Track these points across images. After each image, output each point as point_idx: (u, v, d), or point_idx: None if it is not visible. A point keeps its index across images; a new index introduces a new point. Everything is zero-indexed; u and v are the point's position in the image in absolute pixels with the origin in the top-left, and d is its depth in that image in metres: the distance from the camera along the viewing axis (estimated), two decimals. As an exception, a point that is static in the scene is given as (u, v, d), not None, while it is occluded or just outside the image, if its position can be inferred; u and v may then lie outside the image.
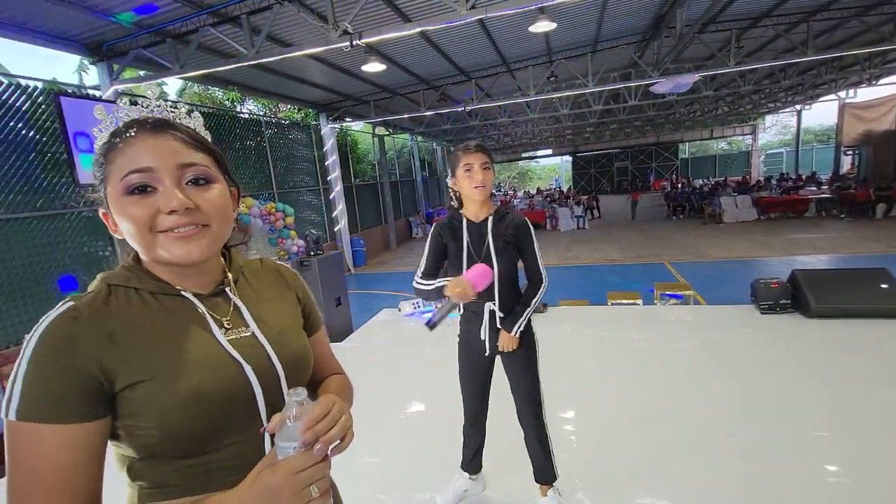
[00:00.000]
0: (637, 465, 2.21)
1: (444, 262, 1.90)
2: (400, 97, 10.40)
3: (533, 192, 26.95)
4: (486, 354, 1.89)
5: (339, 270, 5.21)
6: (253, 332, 0.73)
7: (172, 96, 14.25)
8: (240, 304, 0.75)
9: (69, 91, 5.90)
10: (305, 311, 0.88)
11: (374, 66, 6.69)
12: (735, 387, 2.87)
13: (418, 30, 5.03)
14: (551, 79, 9.40)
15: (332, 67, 7.75)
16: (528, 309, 1.82)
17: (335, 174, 11.08)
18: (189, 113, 0.73)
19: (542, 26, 5.66)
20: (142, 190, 0.64)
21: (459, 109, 10.38)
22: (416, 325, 4.77)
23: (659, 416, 2.63)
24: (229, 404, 0.67)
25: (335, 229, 11.21)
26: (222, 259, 0.79)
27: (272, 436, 0.60)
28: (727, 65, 7.95)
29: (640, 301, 4.85)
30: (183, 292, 0.71)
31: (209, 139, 0.73)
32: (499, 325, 1.84)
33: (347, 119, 11.54)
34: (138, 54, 5.62)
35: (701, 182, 21.81)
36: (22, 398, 0.58)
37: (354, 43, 4.81)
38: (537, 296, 1.84)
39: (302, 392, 0.61)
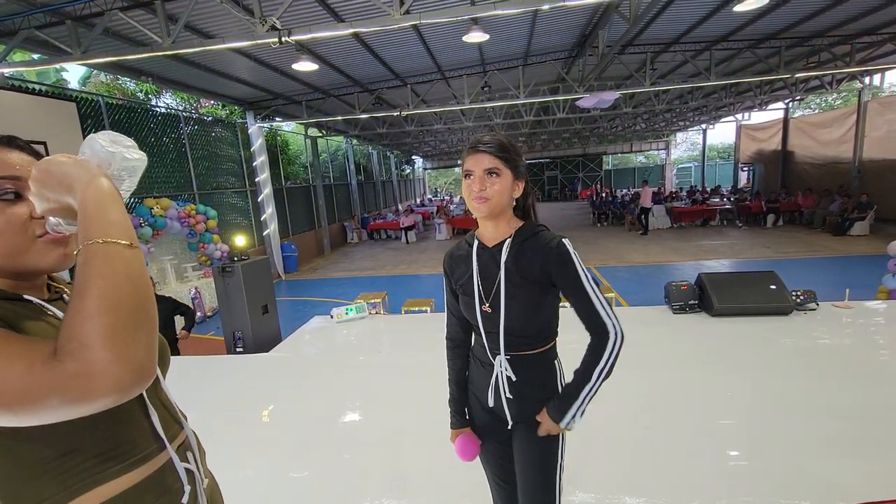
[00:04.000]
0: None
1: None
2: (334, 98, 10.16)
3: (468, 198, 27.53)
4: (502, 423, 1.36)
5: (266, 277, 4.95)
6: None
7: (74, 84, 12.87)
8: None
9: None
10: None
11: (305, 66, 6.47)
12: (651, 382, 3.06)
13: (351, 31, 4.93)
14: (485, 88, 9.67)
15: (259, 64, 7.40)
16: (591, 385, 1.21)
17: (264, 175, 10.56)
18: None
19: (475, 37, 5.78)
20: (5, 198, 0.67)
21: (395, 114, 10.34)
22: (349, 331, 4.63)
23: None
24: None
25: (264, 233, 10.67)
26: None
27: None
28: (643, 84, 8.71)
29: (567, 304, 5.05)
30: (26, 296, 0.71)
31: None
32: (508, 396, 1.30)
33: (277, 118, 11.08)
34: (31, 35, 5.01)
35: (622, 192, 23.43)
36: None
37: (283, 40, 4.62)
38: (605, 359, 1.21)
39: None
